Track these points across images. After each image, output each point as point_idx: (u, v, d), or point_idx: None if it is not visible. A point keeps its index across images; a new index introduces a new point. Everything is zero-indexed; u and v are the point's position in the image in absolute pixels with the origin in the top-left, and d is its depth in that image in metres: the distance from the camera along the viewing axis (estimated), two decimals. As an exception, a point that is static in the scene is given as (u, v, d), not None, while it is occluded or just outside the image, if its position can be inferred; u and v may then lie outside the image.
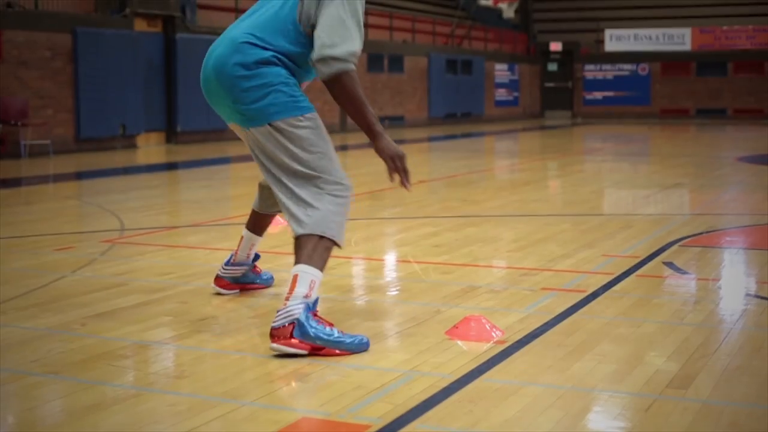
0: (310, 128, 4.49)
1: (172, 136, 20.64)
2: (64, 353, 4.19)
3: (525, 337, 4.41)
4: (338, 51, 4.46)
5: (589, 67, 37.99)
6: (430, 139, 23.98)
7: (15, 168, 14.83)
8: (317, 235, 4.37)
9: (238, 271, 5.38)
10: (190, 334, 4.53)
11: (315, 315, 4.23)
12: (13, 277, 5.94)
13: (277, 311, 4.20)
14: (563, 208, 9.70)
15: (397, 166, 4.74)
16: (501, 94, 36.38)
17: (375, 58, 28.22)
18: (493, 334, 4.37)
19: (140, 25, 19.88)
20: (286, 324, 4.13)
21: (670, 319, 4.81)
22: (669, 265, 6.20)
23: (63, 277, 5.87)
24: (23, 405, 3.60)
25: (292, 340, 4.12)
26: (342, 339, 4.21)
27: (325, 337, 4.16)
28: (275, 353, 4.12)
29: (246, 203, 9.81)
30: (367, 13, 28.42)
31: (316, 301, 4.25)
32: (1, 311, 4.97)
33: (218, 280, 5.37)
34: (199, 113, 20.84)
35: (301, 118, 4.47)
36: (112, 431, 3.29)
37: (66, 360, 4.10)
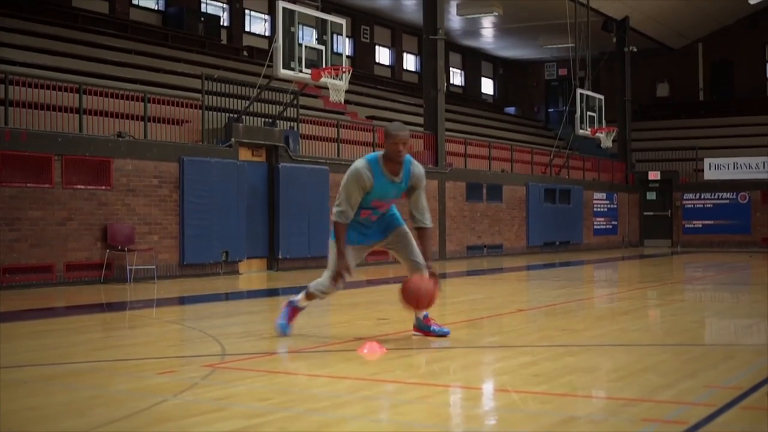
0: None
1: (273, 262, 20.93)
2: (165, 477, 4.24)
3: (626, 469, 4.35)
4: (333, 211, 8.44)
5: (688, 195, 37.71)
6: (528, 267, 23.91)
7: (120, 292, 15.16)
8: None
9: None
10: (289, 461, 4.55)
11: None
12: (116, 399, 6.05)
13: None
14: (664, 338, 9.57)
15: (337, 272, 8.61)
16: (600, 222, 36.24)
17: (474, 186, 28.43)
18: (593, 465, 4.32)
19: (244, 155, 20.39)
20: None
21: (776, 454, 4.70)
22: (774, 397, 6.07)
23: (165, 400, 5.96)
24: None
25: None
26: None
27: None
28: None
29: (345, 331, 9.90)
30: (465, 143, 28.82)
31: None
32: (106, 434, 5.06)
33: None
34: (299, 240, 21.17)
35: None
36: None
37: (168, 484, 4.15)
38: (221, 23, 31.82)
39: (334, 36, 20.53)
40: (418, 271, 8.53)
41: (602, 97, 34.95)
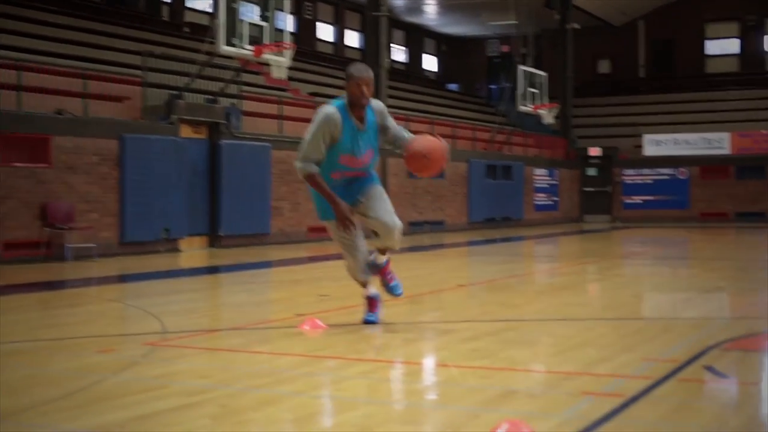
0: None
1: (214, 240, 20.83)
2: (105, 455, 4.23)
3: (563, 441, 4.40)
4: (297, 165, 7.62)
5: (628, 171, 38.07)
6: (470, 243, 24.03)
7: (59, 271, 15.02)
8: None
9: None
10: (230, 437, 4.55)
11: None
12: (55, 378, 6.01)
13: None
14: (602, 312, 9.68)
15: (340, 219, 7.63)
16: (540, 198, 36.47)
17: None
18: (532, 438, 4.36)
19: (186, 132, 20.24)
20: None
21: (711, 425, 4.78)
22: (710, 369, 6.17)
23: (105, 379, 5.93)
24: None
25: None
26: None
27: None
28: None
29: (287, 307, 9.89)
30: (408, 120, 28.83)
31: None
32: (43, 412, 5.03)
33: None
34: (241, 218, 21.07)
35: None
36: None
37: (107, 462, 4.13)
38: (162, -1, 31.53)
39: (277, 12, 20.42)
40: (388, 234, 7.85)
41: (544, 73, 35.12)
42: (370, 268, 8.06)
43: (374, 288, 8.17)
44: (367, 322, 8.08)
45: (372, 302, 8.15)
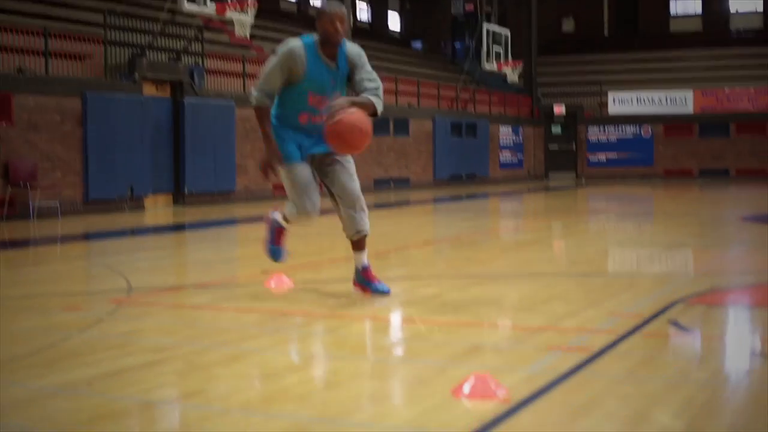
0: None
1: (179, 197, 20.74)
2: (70, 412, 4.21)
3: (530, 396, 4.42)
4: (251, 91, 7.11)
5: (592, 129, 38.20)
6: (435, 200, 24.06)
7: (23, 229, 14.91)
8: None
9: None
10: (196, 394, 4.54)
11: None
12: (21, 336, 5.97)
13: None
14: (568, 268, 9.73)
15: (262, 165, 7.12)
16: (505, 156, 36.55)
17: (380, 121, 28.40)
18: (498, 393, 4.37)
19: (149, 90, 20.08)
20: None
21: (676, 378, 4.82)
22: (674, 323, 6.22)
23: (70, 336, 5.90)
24: (31, 462, 3.61)
25: None
26: None
27: None
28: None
29: (252, 264, 9.87)
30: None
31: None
32: (10, 370, 5.00)
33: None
34: (206, 175, 20.99)
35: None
36: (120, 488, 3.31)
37: (72, 419, 4.12)
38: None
39: (239, -31, 20.23)
40: (351, 203, 7.20)
41: (508, 32, 35.07)
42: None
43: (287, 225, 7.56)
44: (270, 252, 7.68)
45: (280, 232, 7.60)
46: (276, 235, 7.60)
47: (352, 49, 7.11)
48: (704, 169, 36.19)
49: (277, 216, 7.52)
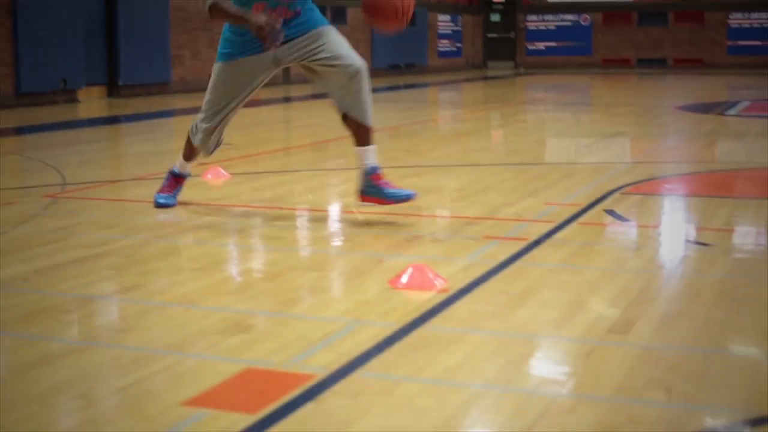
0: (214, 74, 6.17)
1: (114, 89, 20.41)
2: (6, 309, 4.17)
3: (468, 285, 4.45)
4: None
5: (531, 17, 38.04)
6: (373, 90, 23.87)
7: (-47, 123, 14.63)
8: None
9: None
10: (134, 288, 4.52)
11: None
12: (-47, 233, 5.89)
13: None
14: (506, 158, 9.76)
15: (261, 35, 5.73)
16: (444, 44, 36.33)
17: (318, 8, 28.02)
18: (436, 282, 4.40)
19: (79, -22, 19.59)
20: None
21: (611, 266, 4.88)
22: (610, 212, 6.27)
23: (4, 233, 5.82)
24: (-34, 360, 3.58)
25: None
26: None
27: None
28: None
29: (189, 156, 9.76)
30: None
31: None
32: (-58, 267, 4.93)
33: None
34: (141, 67, 20.65)
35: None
36: (57, 386, 3.29)
37: (9, 316, 4.08)
38: None
39: None
40: (354, 76, 6.68)
41: None
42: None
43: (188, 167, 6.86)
44: (158, 204, 6.53)
45: (178, 180, 6.75)
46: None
47: None
48: (642, 58, 36.27)
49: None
